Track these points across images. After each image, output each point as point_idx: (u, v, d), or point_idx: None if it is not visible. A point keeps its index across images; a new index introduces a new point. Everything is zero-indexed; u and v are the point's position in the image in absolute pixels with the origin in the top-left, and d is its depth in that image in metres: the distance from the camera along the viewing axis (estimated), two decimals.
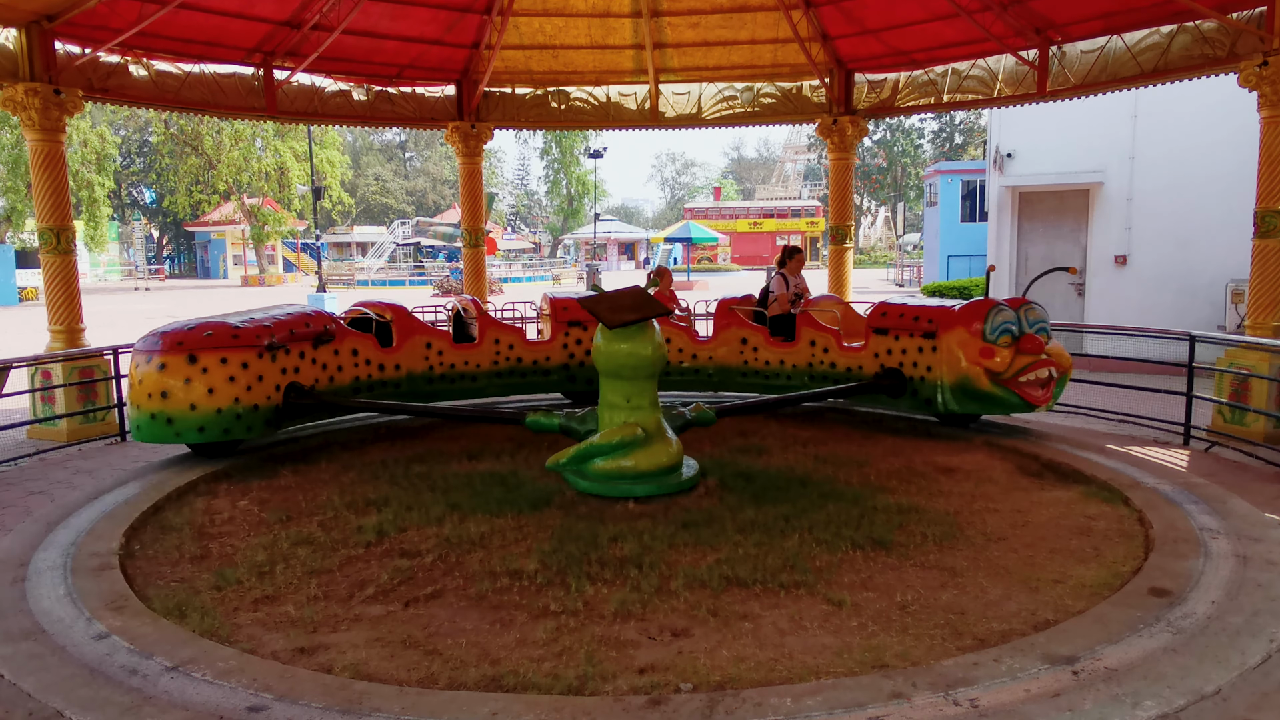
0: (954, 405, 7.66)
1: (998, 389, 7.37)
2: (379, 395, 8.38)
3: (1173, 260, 13.97)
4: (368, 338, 8.39)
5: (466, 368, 8.96)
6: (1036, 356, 7.32)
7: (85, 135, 40.13)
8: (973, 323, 7.47)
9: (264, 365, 7.12)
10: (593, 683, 3.54)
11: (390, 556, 5.06)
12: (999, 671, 3.43)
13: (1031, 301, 7.67)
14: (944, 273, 28.52)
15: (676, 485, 6.12)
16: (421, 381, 8.72)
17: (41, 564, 4.86)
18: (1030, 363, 7.30)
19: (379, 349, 8.46)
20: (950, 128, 64.87)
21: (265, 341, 7.14)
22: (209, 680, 3.49)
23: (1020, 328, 7.41)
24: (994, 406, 7.52)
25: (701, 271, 48.27)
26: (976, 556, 4.91)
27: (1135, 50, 9.12)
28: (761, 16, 10.96)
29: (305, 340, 7.68)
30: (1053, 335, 7.74)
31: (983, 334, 7.39)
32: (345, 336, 8.18)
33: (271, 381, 7.21)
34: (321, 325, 7.92)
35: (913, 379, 7.98)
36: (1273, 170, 7.73)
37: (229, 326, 7.05)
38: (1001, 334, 7.36)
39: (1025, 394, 7.32)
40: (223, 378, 6.84)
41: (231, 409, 6.88)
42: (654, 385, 6.27)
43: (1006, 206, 17.23)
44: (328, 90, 11.10)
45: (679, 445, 6.27)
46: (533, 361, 9.19)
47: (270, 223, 46.46)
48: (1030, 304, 7.61)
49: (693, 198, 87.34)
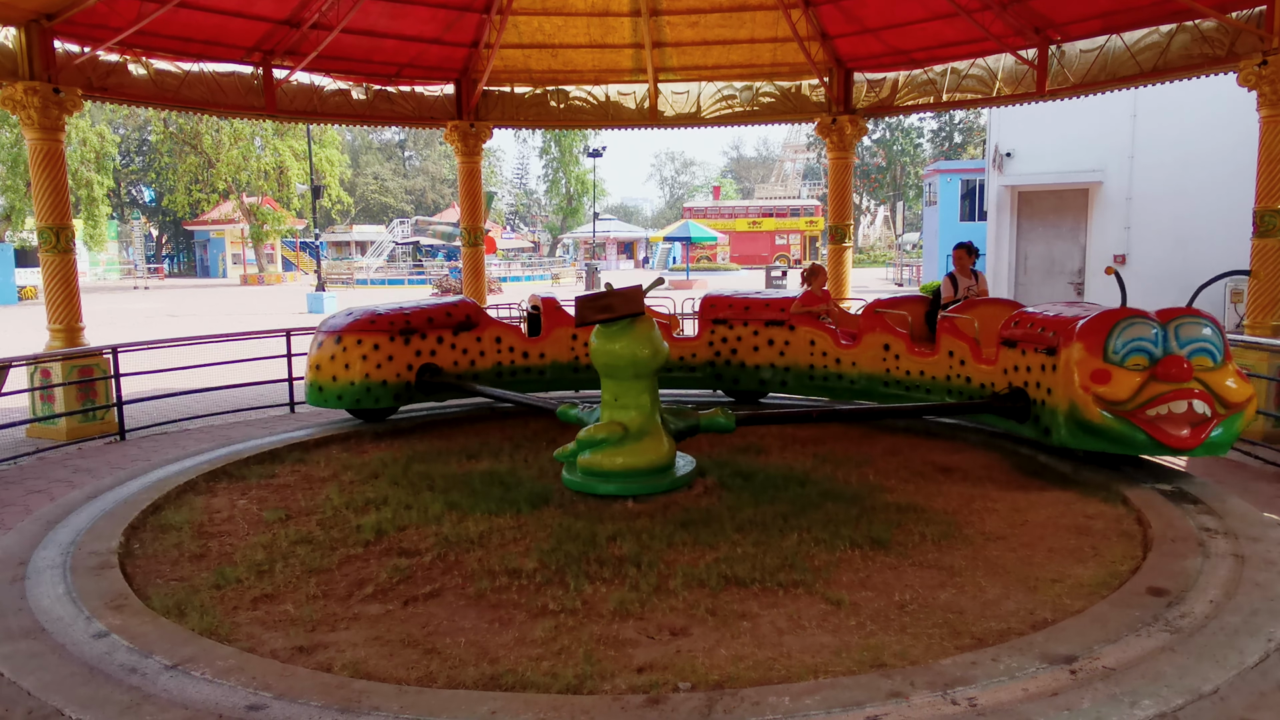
0: (1067, 437, 6.27)
1: (1115, 422, 5.94)
2: (521, 381, 8.93)
3: (1172, 259, 13.99)
4: (512, 327, 9.02)
5: None
6: (1177, 385, 5.80)
7: (84, 134, 40.10)
8: (1093, 337, 6.05)
9: (395, 347, 8.29)
10: (591, 682, 3.54)
11: (389, 555, 5.06)
12: (997, 671, 3.43)
13: (1195, 314, 6.03)
14: (943, 272, 28.51)
15: (654, 486, 6.06)
16: (566, 370, 9.13)
17: (41, 562, 4.86)
18: (1165, 392, 5.82)
19: (523, 338, 9.05)
20: (949, 127, 64.83)
21: (398, 327, 8.32)
22: (208, 679, 3.49)
23: (1163, 347, 5.88)
24: (1113, 443, 6.06)
25: (700, 271, 48.26)
26: (975, 556, 4.92)
27: (1134, 50, 9.12)
28: (761, 16, 10.96)
29: (445, 327, 8.60)
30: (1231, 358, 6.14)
31: (1103, 352, 5.97)
32: (488, 325, 8.91)
33: (403, 362, 8.35)
34: (464, 314, 8.78)
35: (1035, 402, 6.70)
36: (1272, 169, 7.74)
37: (371, 314, 8.38)
38: (1132, 353, 5.91)
39: (1156, 431, 5.85)
40: (357, 356, 8.15)
41: (363, 382, 8.16)
42: (644, 385, 6.16)
43: (1006, 206, 17.23)
44: (327, 89, 11.09)
45: (670, 447, 6.19)
46: (679, 358, 9.05)
47: (269, 222, 46.42)
48: (1189, 317, 5.99)
49: (692, 197, 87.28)
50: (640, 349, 6.05)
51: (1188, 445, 5.82)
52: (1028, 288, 17.36)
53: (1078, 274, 16.98)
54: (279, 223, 46.89)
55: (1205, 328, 5.95)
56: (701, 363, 9.12)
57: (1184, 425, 5.81)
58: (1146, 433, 5.86)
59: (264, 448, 7.56)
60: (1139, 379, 5.86)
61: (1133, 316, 5.98)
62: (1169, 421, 5.82)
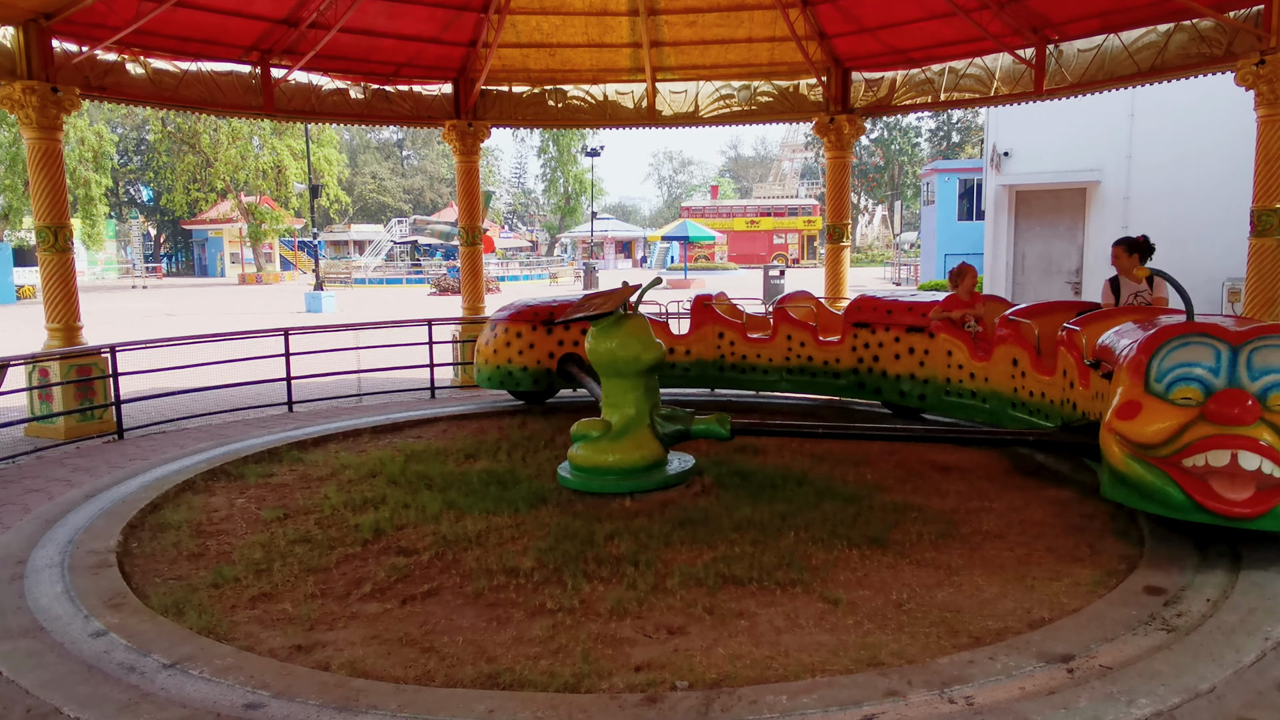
0: (1106, 486, 5.02)
1: (1144, 471, 4.56)
2: (664, 377, 8.74)
3: (1169, 259, 13.96)
4: (659, 322, 9.16)
5: (759, 360, 9.02)
6: (1225, 430, 4.34)
7: (82, 133, 40.02)
8: (1139, 359, 4.71)
9: (537, 336, 8.95)
10: (589, 680, 3.55)
11: (387, 554, 5.07)
12: (994, 669, 3.44)
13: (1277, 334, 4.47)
14: (941, 271, 28.56)
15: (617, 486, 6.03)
16: (712, 369, 9.22)
17: (39, 561, 4.87)
18: (1209, 436, 4.37)
19: (668, 333, 9.20)
20: (947, 126, 64.87)
21: (541, 317, 8.97)
22: (206, 678, 3.50)
23: (1227, 376, 4.42)
24: (1146, 499, 4.66)
25: (698, 270, 48.26)
26: (972, 555, 4.93)
27: (1132, 49, 9.12)
28: (759, 15, 10.95)
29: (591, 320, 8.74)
30: None
31: (1144, 379, 4.61)
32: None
33: (544, 350, 8.99)
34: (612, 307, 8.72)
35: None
36: (1269, 168, 7.75)
37: (524, 306, 9.19)
38: (1180, 382, 4.49)
39: (1196, 489, 4.39)
40: (502, 343, 9.00)
41: (505, 366, 8.99)
42: (631, 384, 6.17)
43: (1003, 205, 17.25)
44: (325, 88, 11.08)
45: (656, 448, 6.14)
46: (823, 362, 8.71)
47: (268, 221, 46.38)
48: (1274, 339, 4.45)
49: (690, 196, 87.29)
50: (623, 349, 6.08)
51: (1242, 513, 4.29)
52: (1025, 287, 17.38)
53: (1075, 274, 17.00)
54: (277, 222, 46.87)
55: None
56: (845, 369, 8.59)
57: (1244, 486, 4.30)
58: (1183, 489, 4.42)
59: (262, 447, 7.57)
60: (1181, 417, 4.43)
61: (1190, 334, 4.57)
62: (1218, 479, 4.35)
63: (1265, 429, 4.31)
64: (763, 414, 9.00)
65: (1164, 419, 4.48)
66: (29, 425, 8.69)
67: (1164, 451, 4.49)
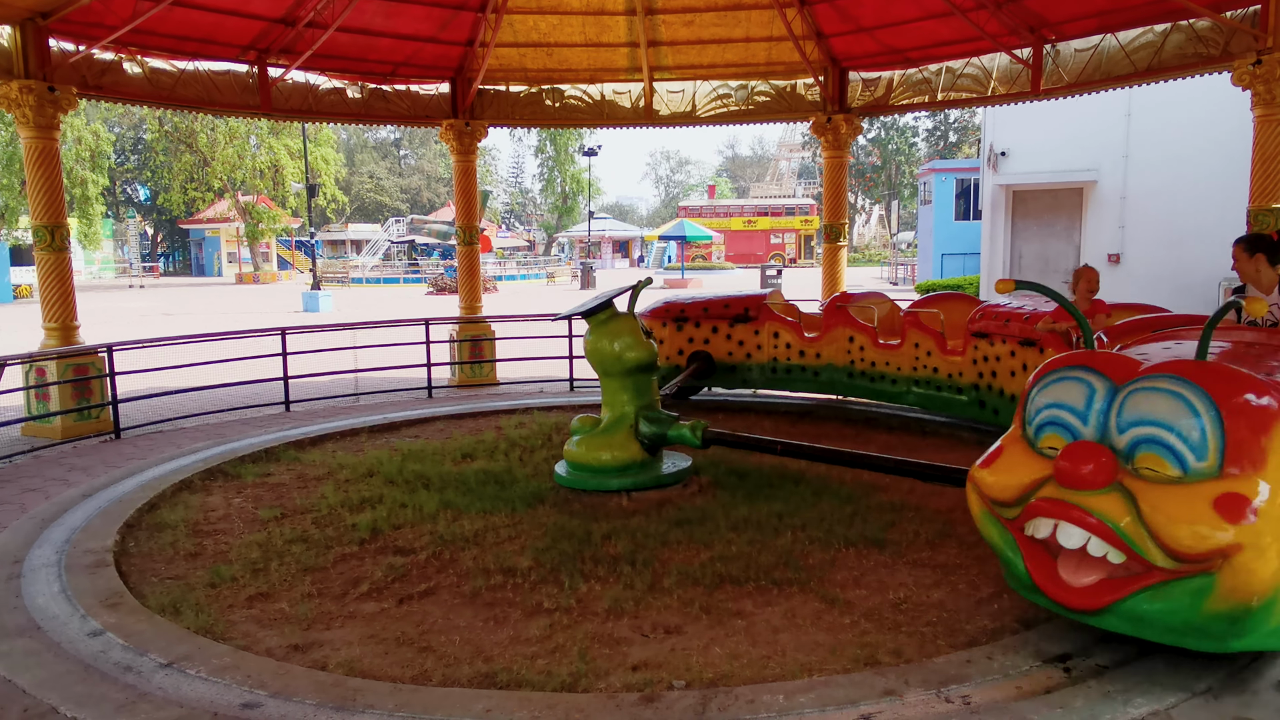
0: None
1: (995, 533, 3.71)
2: (795, 379, 9.05)
3: (1166, 259, 14.01)
4: (793, 324, 9.05)
5: (888, 368, 8.49)
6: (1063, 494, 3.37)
7: (79, 132, 39.96)
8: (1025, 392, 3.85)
9: (666, 333, 9.07)
10: (586, 680, 3.55)
11: (384, 554, 5.07)
12: (991, 669, 3.45)
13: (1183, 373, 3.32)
14: (938, 271, 28.59)
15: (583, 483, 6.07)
16: (841, 374, 8.86)
17: (36, 561, 4.86)
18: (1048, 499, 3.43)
19: (802, 335, 9.00)
20: (944, 126, 64.93)
21: (672, 315, 9.12)
22: (203, 677, 3.50)
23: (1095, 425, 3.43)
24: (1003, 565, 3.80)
25: (696, 270, 48.26)
26: (969, 554, 4.93)
27: (1129, 49, 9.13)
28: (756, 14, 10.95)
29: (721, 318, 9.07)
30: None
31: (1023, 418, 3.75)
32: (767, 319, 9.05)
33: (673, 347, 9.12)
34: (742, 307, 9.15)
35: None
36: (1266, 168, 7.76)
37: (659, 303, 9.31)
38: (1047, 427, 3.59)
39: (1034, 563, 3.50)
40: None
41: None
42: (619, 383, 6.18)
43: (1000, 205, 17.27)
44: (322, 88, 11.07)
45: (635, 449, 6.08)
46: (947, 375, 7.98)
47: (265, 220, 46.33)
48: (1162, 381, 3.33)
49: (687, 196, 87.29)
50: (608, 348, 6.09)
51: (1078, 605, 3.37)
52: None
53: (1071, 273, 17.01)
54: (274, 221, 46.82)
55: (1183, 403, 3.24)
56: (966, 385, 7.83)
57: (1089, 571, 3.33)
58: (1025, 561, 3.54)
59: (259, 446, 7.56)
60: (1037, 472, 3.51)
61: (1069, 366, 3.63)
62: (1068, 556, 3.39)
63: (1115, 498, 3.25)
64: (757, 415, 9.02)
65: (1017, 472, 3.58)
66: (26, 424, 8.68)
67: (1011, 513, 3.59)
